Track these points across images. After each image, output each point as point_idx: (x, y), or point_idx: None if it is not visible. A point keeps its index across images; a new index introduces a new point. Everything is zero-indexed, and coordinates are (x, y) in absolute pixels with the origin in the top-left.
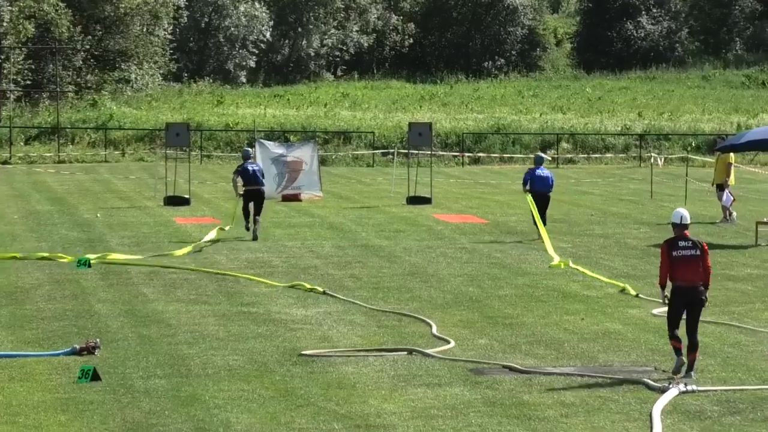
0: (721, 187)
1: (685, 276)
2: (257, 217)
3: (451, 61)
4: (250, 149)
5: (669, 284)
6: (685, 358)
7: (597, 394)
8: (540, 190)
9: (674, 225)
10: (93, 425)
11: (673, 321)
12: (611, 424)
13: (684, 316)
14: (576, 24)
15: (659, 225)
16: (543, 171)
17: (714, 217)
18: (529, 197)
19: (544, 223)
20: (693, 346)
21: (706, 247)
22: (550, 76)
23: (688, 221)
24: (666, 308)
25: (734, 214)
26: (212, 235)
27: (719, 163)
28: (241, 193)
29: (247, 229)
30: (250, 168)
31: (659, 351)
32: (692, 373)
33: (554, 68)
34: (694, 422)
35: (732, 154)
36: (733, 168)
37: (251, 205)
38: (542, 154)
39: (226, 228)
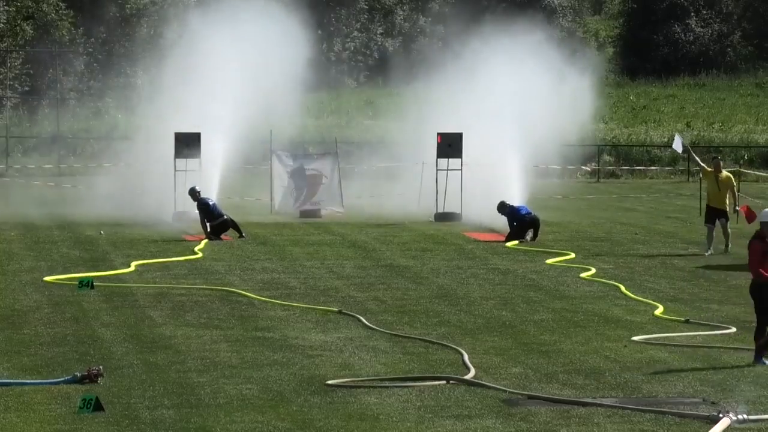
0: (718, 214)
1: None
2: (243, 237)
3: None
4: (196, 185)
5: None
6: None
7: (640, 427)
8: (530, 217)
9: (762, 224)
10: None
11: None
12: None
13: None
14: (619, 26)
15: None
16: (521, 207)
17: None
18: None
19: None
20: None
21: None
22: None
23: None
24: None
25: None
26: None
27: (721, 183)
28: (210, 235)
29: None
30: (210, 202)
31: (708, 381)
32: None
33: (595, 74)
34: None
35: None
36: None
37: (223, 235)
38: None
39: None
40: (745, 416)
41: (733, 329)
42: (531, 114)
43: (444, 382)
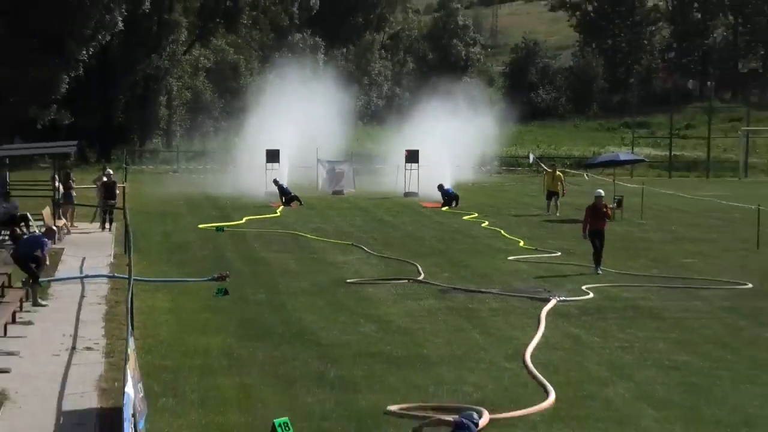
0: (553, 194)
1: (596, 224)
2: (302, 205)
3: None
4: (277, 178)
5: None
6: (595, 266)
7: (510, 303)
8: (454, 194)
9: (596, 198)
10: (223, 319)
11: (594, 249)
12: (518, 320)
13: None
14: (501, 93)
15: (548, 211)
16: (449, 188)
17: (582, 204)
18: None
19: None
20: (599, 255)
21: (609, 210)
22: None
23: (602, 195)
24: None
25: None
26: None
27: (555, 178)
28: (285, 203)
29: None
30: (284, 186)
31: (547, 281)
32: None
33: (493, 119)
34: (564, 319)
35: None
36: (561, 180)
37: (292, 203)
38: (442, 183)
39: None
40: (564, 298)
41: (559, 253)
42: (457, 139)
43: (407, 281)
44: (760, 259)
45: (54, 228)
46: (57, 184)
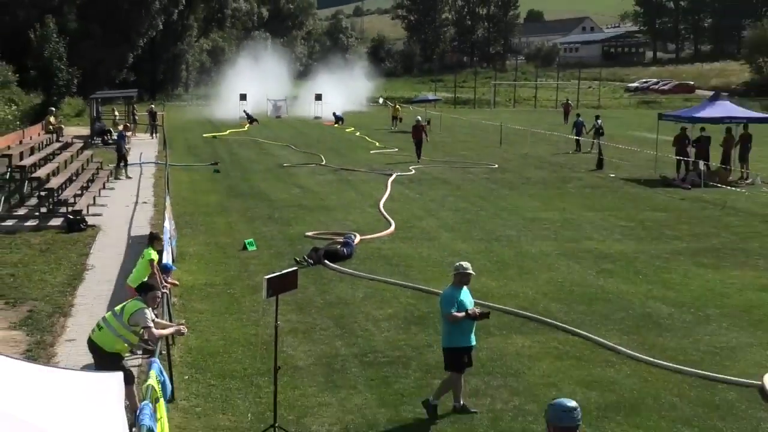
0: (395, 119)
1: (417, 136)
2: (259, 124)
3: None
4: (245, 109)
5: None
6: (417, 157)
7: (371, 176)
8: (341, 117)
9: (416, 120)
10: (217, 186)
11: (416, 148)
12: (376, 185)
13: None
14: (367, 64)
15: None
16: (339, 114)
17: (409, 124)
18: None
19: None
20: (419, 151)
21: (425, 128)
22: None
23: (420, 119)
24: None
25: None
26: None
27: (396, 109)
28: (249, 123)
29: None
30: (249, 113)
31: (391, 165)
32: (420, 158)
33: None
34: (400, 185)
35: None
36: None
37: (254, 123)
38: (335, 111)
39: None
40: (400, 173)
41: (397, 149)
42: (343, 88)
43: (315, 165)
44: (498, 152)
45: (128, 125)
46: (116, 113)
